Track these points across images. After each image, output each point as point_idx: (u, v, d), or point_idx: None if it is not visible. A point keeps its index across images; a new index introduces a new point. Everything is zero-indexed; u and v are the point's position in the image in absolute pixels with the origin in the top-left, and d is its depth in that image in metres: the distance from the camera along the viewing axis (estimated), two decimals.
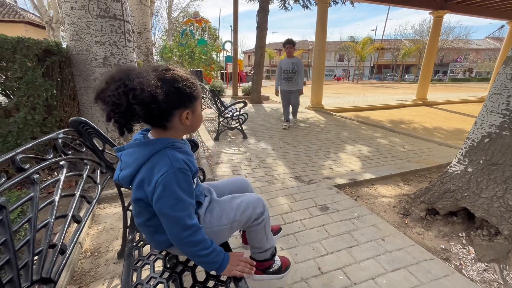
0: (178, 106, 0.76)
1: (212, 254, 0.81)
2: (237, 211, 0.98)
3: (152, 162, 0.75)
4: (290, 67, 4.56)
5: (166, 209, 0.74)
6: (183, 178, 0.75)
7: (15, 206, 0.64)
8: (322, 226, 1.78)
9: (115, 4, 2.44)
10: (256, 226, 1.04)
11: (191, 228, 0.77)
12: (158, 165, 0.74)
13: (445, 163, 2.98)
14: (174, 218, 0.75)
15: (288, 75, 4.63)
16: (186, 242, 0.77)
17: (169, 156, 0.75)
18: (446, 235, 1.72)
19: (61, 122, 2.45)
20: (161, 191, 0.72)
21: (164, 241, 0.87)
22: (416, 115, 7.19)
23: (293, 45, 4.43)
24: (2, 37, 1.97)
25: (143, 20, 7.10)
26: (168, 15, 26.63)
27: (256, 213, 1.01)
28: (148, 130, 0.84)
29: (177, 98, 0.75)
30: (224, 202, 1.02)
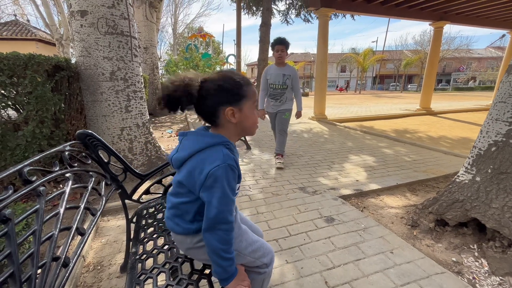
0: (222, 102, 0.81)
1: (229, 261, 0.80)
2: (248, 246, 0.94)
3: (207, 153, 0.79)
4: (281, 81, 3.08)
5: (213, 199, 0.76)
6: (232, 175, 0.79)
7: (21, 218, 0.65)
8: (328, 238, 1.74)
9: (122, 21, 2.54)
10: (255, 275, 0.97)
11: (228, 223, 0.78)
12: (212, 157, 0.78)
13: (453, 173, 2.93)
14: (218, 210, 0.76)
15: (276, 91, 3.13)
16: (218, 236, 0.77)
17: (223, 152, 0.79)
18: (457, 247, 1.67)
19: (68, 135, 2.50)
20: (212, 182, 0.75)
21: (185, 229, 0.86)
22: (420, 124, 7.15)
23: (285, 46, 2.95)
24: (14, 54, 2.05)
25: (149, 35, 7.35)
26: (173, 31, 27.49)
27: (262, 261, 0.96)
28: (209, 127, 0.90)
29: (221, 95, 0.81)
30: (243, 230, 0.98)
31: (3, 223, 0.59)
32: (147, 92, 7.32)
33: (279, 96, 3.16)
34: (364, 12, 7.20)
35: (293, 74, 3.12)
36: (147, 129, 2.94)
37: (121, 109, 2.63)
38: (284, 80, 3.09)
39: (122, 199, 1.39)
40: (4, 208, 0.60)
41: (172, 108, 0.81)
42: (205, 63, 9.64)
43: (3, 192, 0.64)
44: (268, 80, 3.15)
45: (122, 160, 1.34)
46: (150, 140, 2.97)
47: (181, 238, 0.90)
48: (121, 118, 2.65)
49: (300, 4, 10.64)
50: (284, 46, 2.97)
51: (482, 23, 8.89)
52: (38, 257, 0.64)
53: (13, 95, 2.14)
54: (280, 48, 2.97)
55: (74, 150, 1.11)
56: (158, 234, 1.19)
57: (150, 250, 1.08)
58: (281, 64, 3.11)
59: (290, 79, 3.11)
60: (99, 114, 2.58)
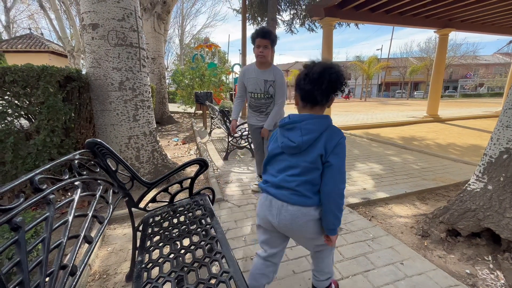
0: (334, 92, 0.98)
1: (342, 214, 0.98)
2: None
3: (330, 130, 0.98)
4: (262, 88, 2.29)
5: (340, 162, 0.95)
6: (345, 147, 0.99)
7: (31, 226, 0.66)
8: (336, 248, 1.71)
9: (132, 33, 2.62)
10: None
11: (345, 183, 0.97)
12: (335, 133, 0.97)
13: (463, 181, 2.86)
14: (341, 172, 0.95)
15: (258, 102, 2.36)
16: (340, 193, 0.95)
17: (338, 129, 1.00)
18: (470, 258, 1.61)
19: (77, 144, 2.55)
20: (340, 149, 0.95)
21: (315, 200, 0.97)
22: (428, 132, 7.04)
23: (269, 41, 2.12)
24: (28, 66, 2.13)
25: (157, 46, 7.54)
26: (180, 42, 28.17)
27: None
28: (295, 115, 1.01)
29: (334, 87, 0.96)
30: None
31: (14, 230, 0.60)
32: (154, 101, 7.46)
33: (264, 107, 2.37)
34: (369, 21, 7.26)
35: (278, 79, 2.26)
36: (154, 138, 2.98)
37: (129, 118, 2.68)
38: (267, 87, 2.28)
39: (129, 207, 1.40)
40: (15, 216, 0.61)
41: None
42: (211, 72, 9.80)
43: (15, 200, 0.66)
44: (248, 87, 2.35)
45: (130, 168, 1.35)
46: (156, 149, 3.00)
47: (307, 211, 0.98)
48: (129, 127, 2.69)
49: (305, 14, 10.81)
50: (268, 40, 2.10)
51: (488, 29, 8.85)
52: (47, 265, 0.65)
53: (26, 105, 2.21)
54: (262, 43, 2.10)
55: (83, 158, 1.13)
56: (164, 242, 1.19)
57: (156, 259, 1.07)
58: (263, 65, 2.24)
59: (274, 85, 2.27)
60: (108, 123, 2.63)
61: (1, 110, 2.12)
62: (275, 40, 2.20)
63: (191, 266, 1.00)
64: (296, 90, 1.03)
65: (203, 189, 1.68)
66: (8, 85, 2.08)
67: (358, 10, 6.71)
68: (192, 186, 1.62)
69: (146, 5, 7.01)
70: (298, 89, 1.01)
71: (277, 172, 1.03)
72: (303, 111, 1.02)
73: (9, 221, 0.60)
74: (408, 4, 6.29)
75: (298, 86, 1.01)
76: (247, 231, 1.93)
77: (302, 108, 1.03)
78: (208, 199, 1.58)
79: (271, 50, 2.20)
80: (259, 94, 2.33)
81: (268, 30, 2.14)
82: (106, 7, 2.44)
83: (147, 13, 7.09)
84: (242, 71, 2.45)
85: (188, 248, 1.11)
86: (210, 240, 1.14)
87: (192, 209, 1.46)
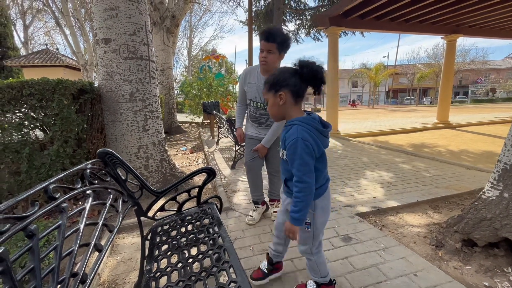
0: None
1: None
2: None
3: None
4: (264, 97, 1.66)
5: None
6: None
7: (45, 234, 0.68)
8: (346, 259, 1.66)
9: (142, 47, 2.72)
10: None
11: None
12: None
13: (478, 189, 2.76)
14: None
15: (258, 111, 2.03)
16: None
17: None
18: (488, 270, 1.54)
19: (88, 154, 2.62)
20: None
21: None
22: (439, 138, 6.89)
23: (277, 44, 1.75)
24: (44, 79, 2.23)
25: (166, 59, 7.77)
26: (188, 53, 28.93)
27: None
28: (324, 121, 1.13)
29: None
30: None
31: (29, 238, 0.62)
32: (163, 111, 7.62)
33: (264, 119, 2.03)
34: (374, 29, 7.29)
35: None
36: (163, 147, 3.03)
37: (138, 128, 2.74)
38: None
39: (137, 216, 1.42)
40: (30, 224, 0.64)
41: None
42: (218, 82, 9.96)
43: (30, 208, 0.68)
44: (248, 95, 2.02)
45: (139, 177, 1.38)
46: (165, 158, 3.04)
47: None
48: (139, 137, 2.75)
49: (310, 24, 10.96)
50: (273, 44, 1.74)
51: (497, 34, 8.73)
52: (59, 272, 0.66)
53: (42, 117, 2.30)
54: (266, 47, 1.77)
55: (95, 168, 1.16)
56: (172, 251, 1.19)
57: (164, 268, 1.07)
58: (267, 72, 1.87)
59: None
60: (118, 133, 2.70)
61: (18, 122, 2.21)
62: (284, 43, 1.78)
63: (198, 275, 0.99)
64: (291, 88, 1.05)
65: (211, 198, 1.68)
66: (25, 98, 2.18)
67: (363, 19, 6.76)
68: (200, 195, 1.63)
69: (156, 20, 7.28)
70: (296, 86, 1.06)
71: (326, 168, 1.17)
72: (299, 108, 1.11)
73: (24, 228, 0.62)
74: (413, 12, 6.30)
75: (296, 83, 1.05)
76: (255, 241, 1.91)
77: (296, 105, 1.09)
78: (216, 208, 1.58)
79: (278, 56, 1.80)
80: (260, 104, 1.98)
81: (275, 32, 1.73)
82: (118, 23, 2.55)
83: (156, 27, 7.35)
84: (244, 73, 2.05)
85: (196, 257, 1.11)
86: (218, 249, 1.14)
87: (200, 218, 1.47)
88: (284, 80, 1.04)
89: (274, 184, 2.26)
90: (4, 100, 2.12)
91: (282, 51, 1.81)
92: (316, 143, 1.03)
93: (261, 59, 1.81)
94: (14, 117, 2.22)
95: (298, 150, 0.98)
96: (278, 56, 1.81)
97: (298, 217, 1.03)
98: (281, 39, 1.74)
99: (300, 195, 1.02)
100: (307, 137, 0.99)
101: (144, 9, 2.74)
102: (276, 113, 1.12)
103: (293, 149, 0.99)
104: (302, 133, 1.00)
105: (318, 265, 1.24)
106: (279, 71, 1.08)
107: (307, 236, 1.18)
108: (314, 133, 1.02)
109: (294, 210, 1.03)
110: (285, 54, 1.86)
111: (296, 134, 0.99)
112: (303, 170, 1.00)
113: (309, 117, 1.07)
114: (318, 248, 1.23)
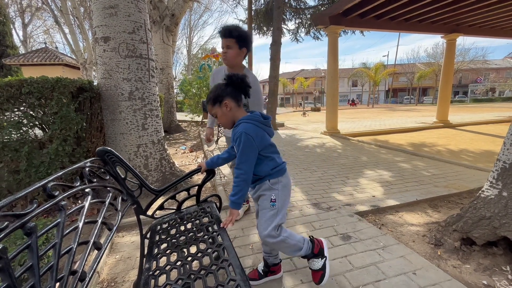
0: None
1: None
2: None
3: None
4: None
5: None
6: None
7: (43, 231, 0.68)
8: (345, 257, 1.67)
9: (141, 45, 2.71)
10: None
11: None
12: None
13: (477, 188, 2.77)
14: None
15: None
16: None
17: None
18: (487, 268, 1.54)
19: (87, 152, 2.61)
20: None
21: None
22: (439, 138, 6.90)
23: (235, 39, 1.76)
24: (43, 78, 2.22)
25: (165, 57, 7.75)
26: (188, 52, 28.86)
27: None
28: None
29: None
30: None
31: (27, 235, 0.62)
32: (162, 110, 7.60)
33: None
34: (374, 28, 7.29)
35: (252, 85, 1.51)
36: (162, 146, 3.03)
37: (138, 127, 2.73)
38: None
39: (137, 215, 1.42)
40: (28, 221, 0.63)
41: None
42: None
43: (29, 206, 0.68)
44: None
45: (138, 176, 1.37)
46: (164, 157, 3.04)
47: None
48: (138, 136, 2.75)
49: (310, 23, 10.94)
50: (231, 39, 1.75)
51: (497, 33, 8.73)
52: (57, 270, 0.66)
53: (41, 115, 2.30)
54: (225, 43, 1.78)
55: (94, 166, 1.16)
56: (171, 250, 1.19)
57: (163, 266, 1.08)
58: (232, 69, 1.91)
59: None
60: (118, 132, 2.69)
61: (17, 120, 2.20)
62: (241, 37, 1.75)
63: (198, 274, 0.99)
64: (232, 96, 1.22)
65: (210, 197, 1.68)
66: (24, 96, 2.17)
67: (363, 18, 6.75)
68: (199, 194, 1.63)
69: (156, 18, 7.26)
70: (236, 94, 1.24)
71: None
72: (242, 110, 1.27)
73: (23, 226, 0.62)
74: (413, 11, 6.29)
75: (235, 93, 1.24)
76: (254, 239, 1.92)
77: (239, 107, 1.26)
78: (215, 206, 1.58)
79: (238, 51, 1.79)
80: None
81: (231, 27, 1.75)
82: (118, 21, 2.54)
83: (156, 25, 7.33)
84: (212, 75, 2.09)
85: (195, 256, 1.11)
86: (217, 248, 1.14)
87: (199, 216, 1.47)
88: (222, 91, 1.22)
89: None
90: (3, 99, 2.11)
91: (242, 46, 1.80)
92: (262, 133, 1.20)
93: (222, 56, 1.82)
94: (13, 115, 2.22)
95: (241, 142, 1.14)
96: (239, 52, 1.80)
97: (235, 200, 1.19)
98: (238, 33, 1.74)
99: (237, 181, 1.18)
100: (251, 130, 1.15)
101: (143, 8, 2.73)
102: (227, 121, 1.26)
103: (238, 141, 1.15)
104: (246, 127, 1.15)
105: (289, 239, 1.22)
106: (215, 87, 1.25)
107: (272, 214, 1.22)
108: (258, 125, 1.19)
109: (232, 194, 1.20)
110: (247, 50, 1.84)
111: (241, 129, 1.15)
112: (241, 159, 1.16)
113: (252, 114, 1.24)
114: (280, 231, 1.22)
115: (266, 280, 1.46)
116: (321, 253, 1.31)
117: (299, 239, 1.26)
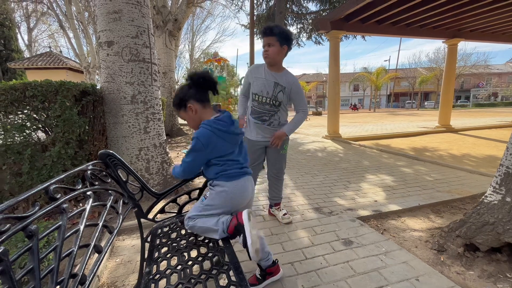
0: None
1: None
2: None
3: None
4: (270, 92, 1.93)
5: None
6: None
7: (45, 234, 0.68)
8: (347, 263, 1.65)
9: (144, 49, 2.74)
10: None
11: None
12: None
13: (480, 193, 2.74)
14: None
15: (262, 107, 1.99)
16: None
17: None
18: (491, 275, 1.52)
19: (90, 155, 2.62)
20: None
21: None
22: (441, 142, 6.87)
23: (276, 37, 1.79)
24: (47, 81, 2.24)
25: (168, 61, 7.81)
26: (190, 56, 29.09)
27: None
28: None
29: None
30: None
31: (28, 238, 0.62)
32: (164, 114, 7.64)
33: (268, 115, 1.99)
34: (375, 33, 7.33)
35: (293, 85, 1.94)
36: (164, 149, 3.04)
37: (140, 130, 2.75)
38: (276, 92, 1.92)
39: (138, 218, 1.41)
40: (30, 224, 0.64)
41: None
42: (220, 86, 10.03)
43: (30, 209, 0.68)
44: (254, 89, 1.98)
45: (140, 179, 1.38)
46: (166, 160, 3.05)
47: None
48: (140, 139, 2.76)
49: (311, 27, 11.02)
50: (273, 37, 1.79)
51: (499, 39, 8.74)
52: (58, 273, 0.66)
53: (44, 118, 2.31)
54: (266, 41, 1.82)
55: (96, 169, 1.16)
56: (172, 254, 1.18)
57: (163, 270, 1.07)
58: (273, 67, 1.93)
59: (285, 93, 1.94)
60: (120, 135, 2.71)
61: (20, 123, 2.22)
62: (283, 35, 1.79)
63: (198, 278, 0.99)
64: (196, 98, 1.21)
65: None
66: (28, 99, 2.19)
67: (364, 23, 6.79)
68: None
69: (159, 23, 7.35)
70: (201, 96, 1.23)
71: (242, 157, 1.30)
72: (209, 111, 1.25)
73: (24, 228, 0.62)
74: (414, 16, 6.33)
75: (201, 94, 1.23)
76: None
77: (205, 108, 1.23)
78: None
79: (280, 49, 1.82)
80: (265, 98, 1.94)
81: (272, 26, 1.79)
82: (121, 26, 2.58)
83: (159, 30, 7.41)
84: (250, 69, 2.07)
85: (196, 260, 1.11)
86: (218, 252, 1.13)
87: None
88: (184, 94, 1.20)
89: (275, 187, 2.28)
90: (7, 102, 2.13)
91: (284, 44, 1.84)
92: (218, 142, 1.17)
93: (264, 54, 1.88)
94: (17, 118, 2.23)
95: (192, 146, 1.16)
96: (280, 49, 1.84)
97: (174, 171, 1.30)
98: (279, 31, 1.79)
99: (179, 166, 1.26)
100: (204, 138, 1.14)
101: (146, 13, 2.77)
102: (195, 125, 1.25)
103: (192, 143, 1.17)
104: (202, 133, 1.15)
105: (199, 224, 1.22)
106: (178, 90, 1.25)
107: (198, 206, 1.28)
108: (216, 133, 1.16)
109: (177, 166, 1.28)
110: (289, 48, 1.89)
111: (197, 134, 1.16)
112: (187, 155, 1.20)
113: (215, 119, 1.20)
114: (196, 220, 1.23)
115: (266, 283, 1.44)
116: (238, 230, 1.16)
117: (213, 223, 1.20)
